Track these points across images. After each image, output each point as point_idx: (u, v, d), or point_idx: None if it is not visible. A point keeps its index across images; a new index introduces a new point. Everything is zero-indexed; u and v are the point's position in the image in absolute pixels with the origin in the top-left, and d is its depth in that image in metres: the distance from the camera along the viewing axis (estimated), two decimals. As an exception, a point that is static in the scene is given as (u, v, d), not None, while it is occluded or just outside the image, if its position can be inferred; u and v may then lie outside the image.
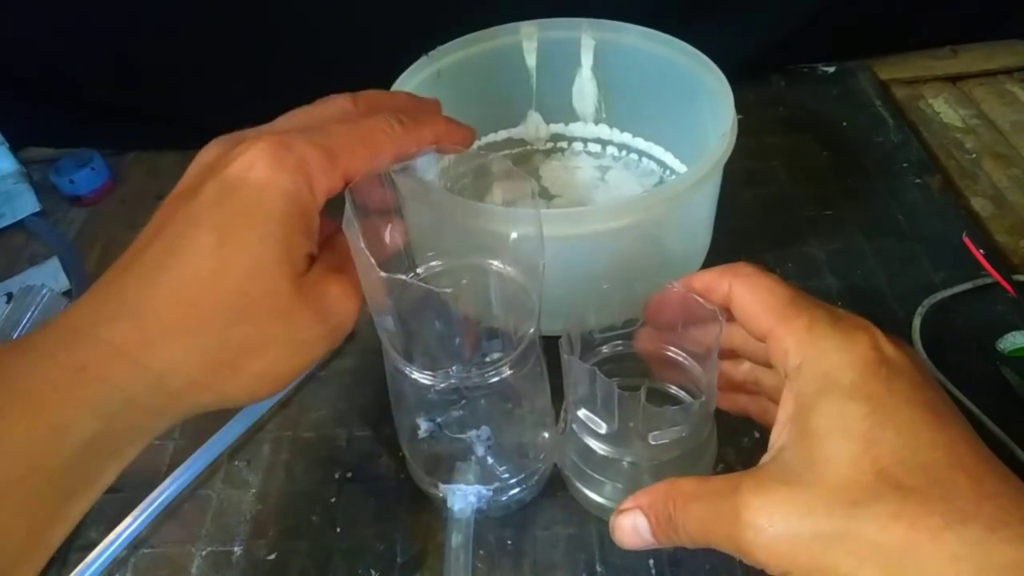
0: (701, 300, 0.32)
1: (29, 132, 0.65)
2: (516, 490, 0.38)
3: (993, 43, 0.69)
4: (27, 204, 0.60)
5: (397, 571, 0.38)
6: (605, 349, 0.40)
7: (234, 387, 0.27)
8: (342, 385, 0.47)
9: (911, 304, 0.47)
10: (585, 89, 0.55)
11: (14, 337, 0.42)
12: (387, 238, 0.35)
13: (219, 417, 0.44)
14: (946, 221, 0.53)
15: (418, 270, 0.36)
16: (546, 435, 0.38)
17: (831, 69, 0.69)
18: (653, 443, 0.32)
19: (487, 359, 0.34)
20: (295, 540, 0.39)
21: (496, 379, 0.33)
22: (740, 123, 0.43)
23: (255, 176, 0.27)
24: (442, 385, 0.32)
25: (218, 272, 0.26)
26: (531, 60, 0.53)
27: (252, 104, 0.66)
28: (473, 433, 0.36)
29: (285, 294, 0.27)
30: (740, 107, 0.44)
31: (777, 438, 0.27)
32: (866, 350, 0.26)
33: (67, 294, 0.53)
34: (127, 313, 0.25)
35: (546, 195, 0.55)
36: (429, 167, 0.36)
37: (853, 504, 0.23)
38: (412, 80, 0.48)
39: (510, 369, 0.33)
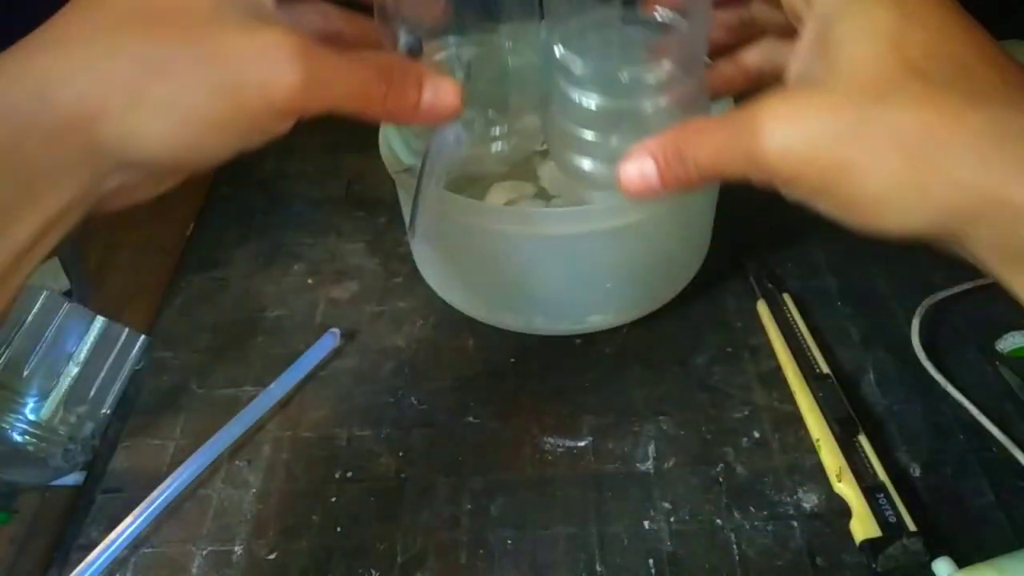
0: None
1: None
2: (508, 140, 0.35)
3: (993, 43, 0.69)
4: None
5: (397, 570, 0.38)
6: None
7: (135, 119, 0.23)
8: (342, 385, 0.47)
9: (910, 304, 0.47)
10: None
11: (13, 338, 0.42)
12: None
13: (219, 417, 0.44)
14: (946, 221, 0.53)
15: None
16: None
17: (831, 69, 0.69)
18: (625, 80, 0.29)
19: None
20: (295, 539, 0.40)
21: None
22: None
23: None
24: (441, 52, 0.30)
25: None
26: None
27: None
28: (453, 51, 0.32)
29: (195, 5, 0.23)
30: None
31: (797, 62, 0.25)
32: None
33: (67, 294, 0.53)
34: (28, 38, 0.24)
35: (544, 196, 0.55)
36: None
37: (878, 96, 0.22)
38: None
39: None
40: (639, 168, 0.26)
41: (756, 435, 0.42)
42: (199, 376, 0.48)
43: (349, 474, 0.42)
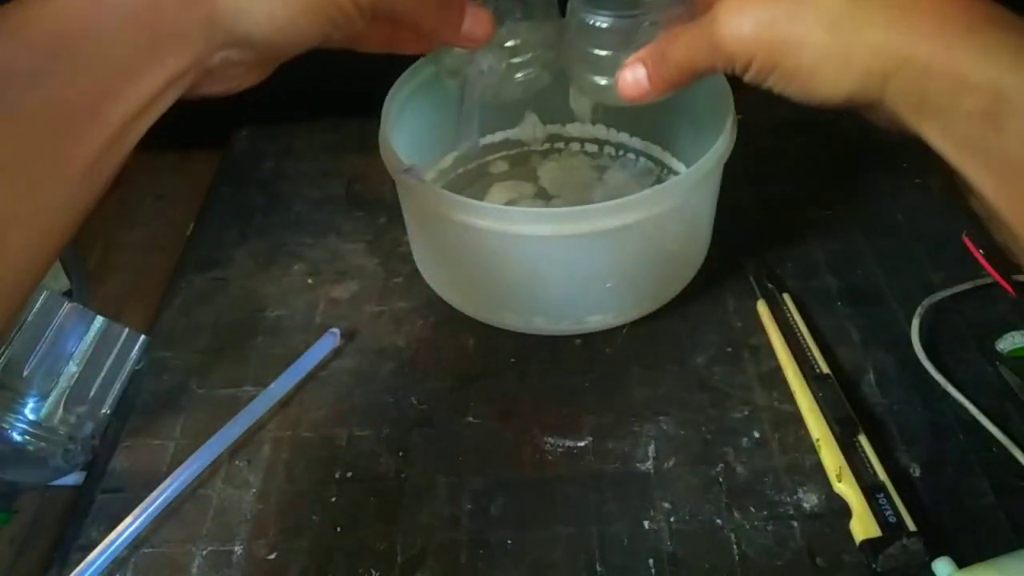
0: None
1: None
2: (528, 70, 0.42)
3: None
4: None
5: (397, 570, 0.38)
6: None
7: (251, 3, 0.27)
8: (342, 385, 0.47)
9: (911, 304, 0.47)
10: None
11: (13, 339, 0.42)
12: None
13: (219, 417, 0.44)
14: (946, 221, 0.53)
15: None
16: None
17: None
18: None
19: None
20: (295, 539, 0.40)
21: None
22: (740, 123, 0.43)
23: None
24: None
25: None
26: None
27: (251, 104, 0.66)
28: None
29: None
30: (740, 107, 0.44)
31: None
32: None
33: (67, 294, 0.54)
34: None
35: (544, 196, 0.55)
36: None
37: None
38: (412, 81, 0.48)
39: None
40: (632, 73, 0.32)
41: (756, 435, 0.42)
42: (199, 376, 0.48)
43: (349, 474, 0.42)
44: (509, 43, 0.41)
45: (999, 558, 0.34)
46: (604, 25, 0.37)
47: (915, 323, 0.46)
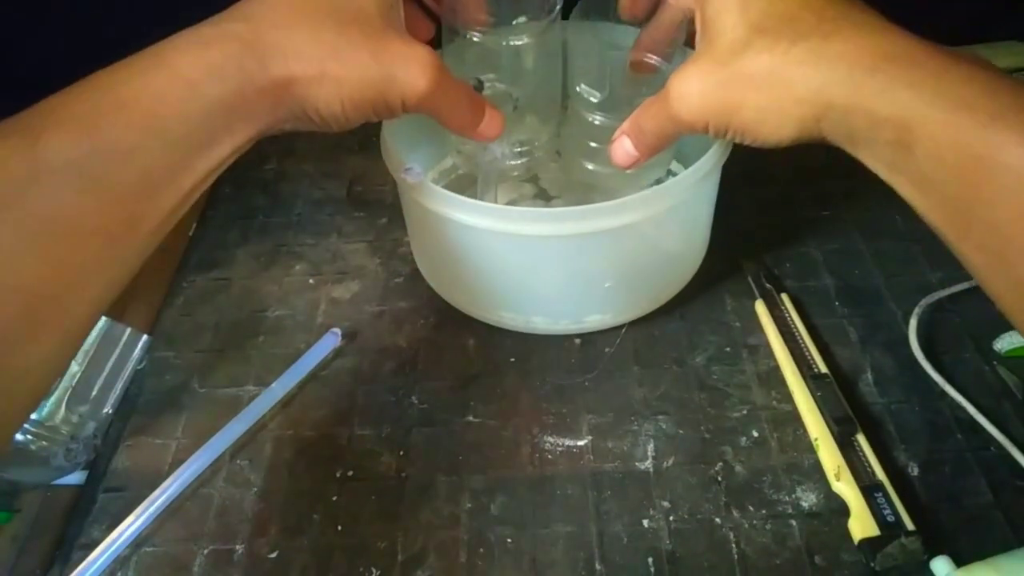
0: None
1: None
2: (531, 156, 0.48)
3: (993, 44, 0.69)
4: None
5: (398, 569, 0.38)
6: None
7: (316, 87, 0.31)
8: (343, 384, 0.47)
9: (908, 304, 0.47)
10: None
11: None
12: None
13: (221, 417, 0.44)
14: (944, 221, 0.53)
15: None
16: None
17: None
18: (636, 103, 0.38)
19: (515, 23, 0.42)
20: (296, 538, 0.40)
21: (520, 42, 0.41)
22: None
23: None
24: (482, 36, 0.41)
25: None
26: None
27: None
28: (506, 88, 0.43)
29: (372, 15, 0.32)
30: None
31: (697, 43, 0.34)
32: None
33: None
34: (243, 15, 0.31)
35: (545, 196, 0.55)
36: None
37: (734, 54, 0.30)
38: None
39: (529, 38, 0.41)
40: (622, 146, 0.37)
41: (755, 434, 0.42)
42: (201, 375, 0.48)
43: (350, 473, 0.42)
44: (519, 136, 0.46)
45: (997, 557, 0.34)
46: (597, 123, 0.44)
47: (913, 323, 0.46)
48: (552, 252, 0.42)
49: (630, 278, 0.44)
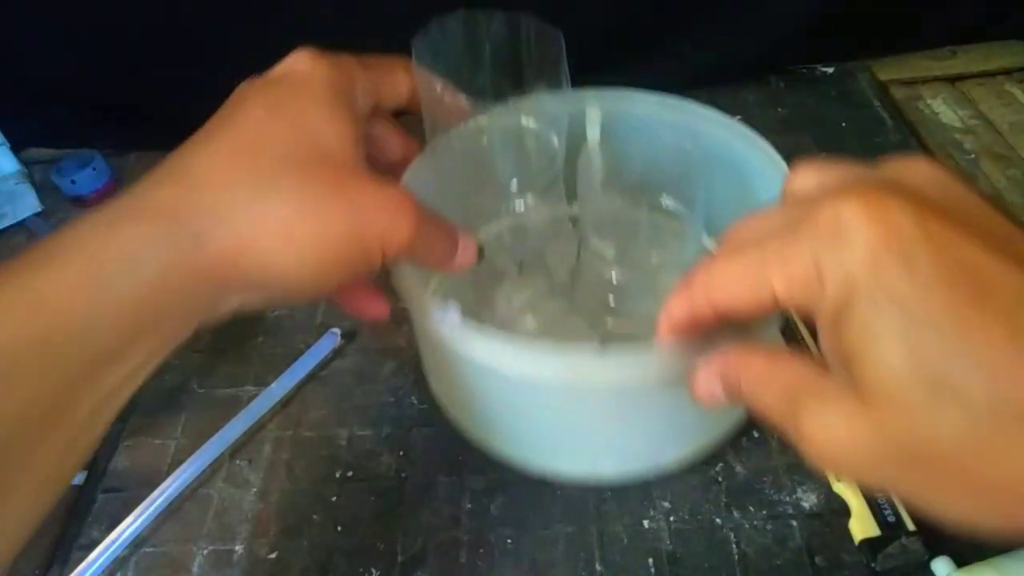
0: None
1: (31, 133, 0.65)
2: (537, 310, 0.42)
3: (992, 44, 0.69)
4: (28, 204, 0.60)
5: (398, 570, 0.38)
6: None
7: (280, 254, 0.25)
8: (342, 384, 0.47)
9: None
10: (591, 162, 0.43)
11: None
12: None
13: (220, 417, 0.44)
14: (945, 221, 0.53)
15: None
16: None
17: (830, 70, 0.69)
18: (655, 262, 0.35)
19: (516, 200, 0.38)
20: (296, 539, 0.40)
21: (521, 210, 0.37)
22: (739, 123, 0.43)
23: (299, 68, 0.28)
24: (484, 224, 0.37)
25: (267, 132, 0.26)
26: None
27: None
28: (508, 245, 0.40)
29: (336, 154, 0.27)
30: (739, 108, 0.44)
31: (824, 357, 0.24)
32: (871, 238, 0.20)
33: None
34: (175, 173, 0.25)
35: (558, 290, 0.45)
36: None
37: (904, 413, 0.20)
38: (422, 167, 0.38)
39: (531, 202, 0.37)
40: (708, 388, 0.26)
41: (755, 434, 0.42)
42: (200, 376, 0.48)
43: (350, 473, 0.42)
44: (526, 293, 0.42)
45: (997, 557, 0.34)
46: (615, 281, 0.38)
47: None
48: (631, 398, 0.34)
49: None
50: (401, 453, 0.43)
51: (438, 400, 0.42)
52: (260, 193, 0.25)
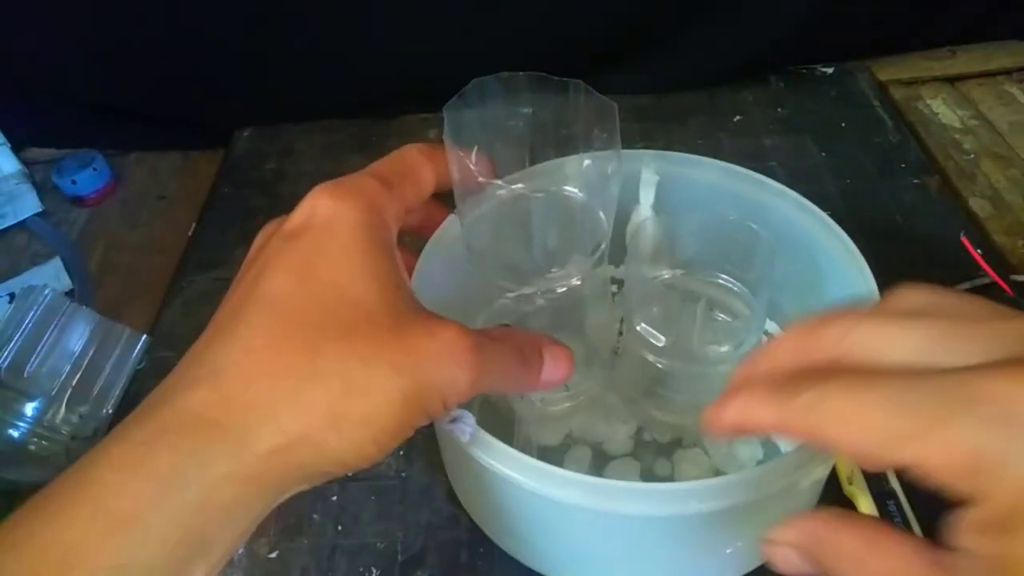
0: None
1: (31, 133, 0.65)
2: (575, 402, 0.39)
3: (992, 44, 0.69)
4: (29, 204, 0.60)
5: (398, 569, 0.38)
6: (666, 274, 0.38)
7: (334, 440, 0.23)
8: (343, 385, 0.47)
9: (909, 304, 0.47)
10: (642, 230, 0.40)
11: (16, 338, 0.42)
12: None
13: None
14: (944, 221, 0.53)
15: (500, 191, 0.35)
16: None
17: (830, 70, 0.69)
18: (711, 354, 0.33)
19: (556, 271, 0.34)
20: (296, 538, 0.40)
21: (565, 288, 0.33)
22: (739, 124, 0.43)
23: (321, 215, 0.26)
24: (519, 292, 0.33)
25: (299, 303, 0.24)
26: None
27: (253, 105, 0.67)
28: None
29: (377, 309, 0.24)
30: (739, 108, 0.44)
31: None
32: (991, 409, 0.18)
33: (69, 294, 0.54)
34: (204, 374, 0.23)
35: (594, 355, 0.40)
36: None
37: None
38: (440, 247, 0.37)
39: (578, 280, 0.34)
40: (784, 558, 0.22)
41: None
42: (200, 376, 0.48)
43: (350, 473, 0.42)
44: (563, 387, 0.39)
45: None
46: (661, 366, 0.35)
47: (914, 323, 0.46)
48: (665, 530, 0.31)
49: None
50: (401, 452, 0.43)
51: (466, 506, 0.40)
52: (301, 382, 0.22)
